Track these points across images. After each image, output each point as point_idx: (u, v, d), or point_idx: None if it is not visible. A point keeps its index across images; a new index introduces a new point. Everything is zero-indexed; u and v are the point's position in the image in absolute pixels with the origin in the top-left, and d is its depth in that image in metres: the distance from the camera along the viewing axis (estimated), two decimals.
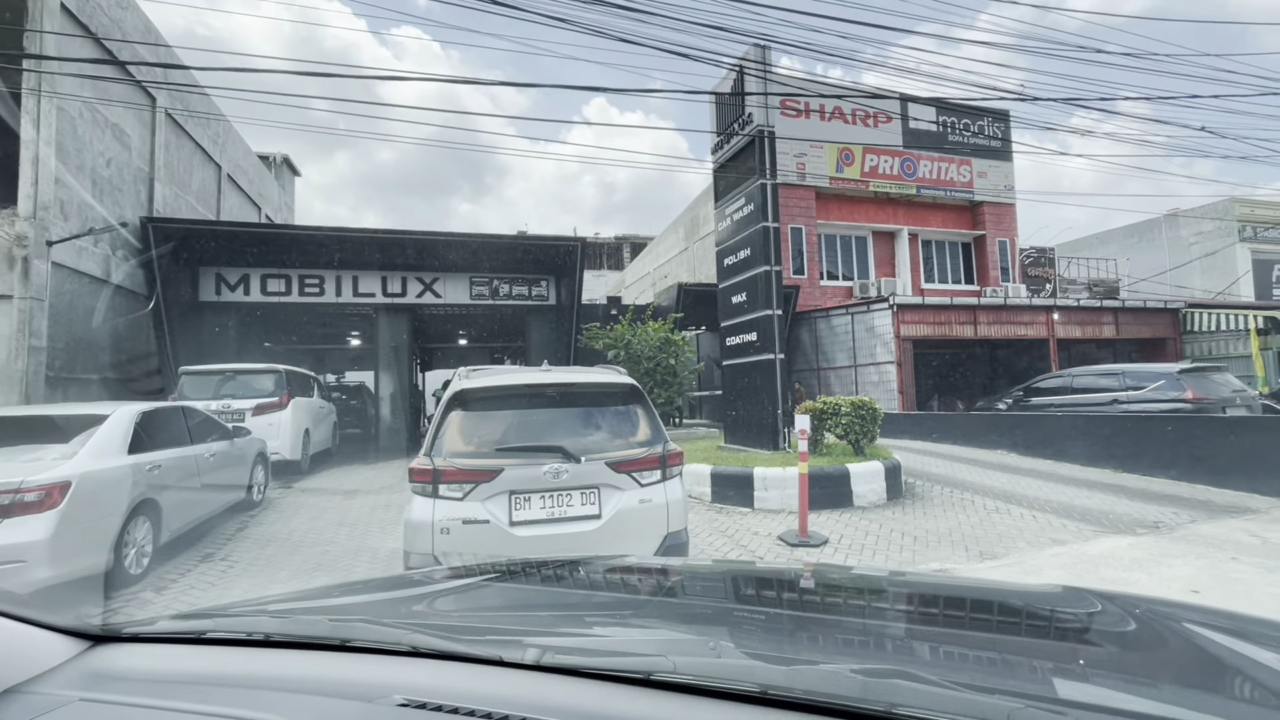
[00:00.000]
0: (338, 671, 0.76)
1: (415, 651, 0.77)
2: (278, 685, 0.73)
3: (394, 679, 0.71)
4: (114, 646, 0.85)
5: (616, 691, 0.65)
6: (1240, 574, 4.40)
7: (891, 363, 14.38)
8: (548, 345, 14.07)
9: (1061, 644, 1.03)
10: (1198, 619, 1.04)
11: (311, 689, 0.71)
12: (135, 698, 0.72)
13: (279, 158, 22.47)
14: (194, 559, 5.41)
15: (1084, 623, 1.09)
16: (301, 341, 18.42)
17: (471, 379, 3.63)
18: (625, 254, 39.50)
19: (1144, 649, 0.95)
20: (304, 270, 12.86)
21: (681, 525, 3.50)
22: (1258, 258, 22.96)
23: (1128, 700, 0.76)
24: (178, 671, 0.79)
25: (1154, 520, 5.98)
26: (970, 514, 6.45)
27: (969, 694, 0.62)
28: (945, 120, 19.21)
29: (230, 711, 0.67)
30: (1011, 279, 19.75)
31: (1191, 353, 16.67)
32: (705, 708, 0.61)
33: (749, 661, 0.74)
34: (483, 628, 0.96)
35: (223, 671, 0.78)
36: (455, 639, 0.79)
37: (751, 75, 8.74)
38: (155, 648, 0.86)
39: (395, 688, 0.69)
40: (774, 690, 0.63)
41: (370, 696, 0.68)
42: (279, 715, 0.64)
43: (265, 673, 0.77)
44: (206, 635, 0.87)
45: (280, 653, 0.82)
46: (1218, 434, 7.60)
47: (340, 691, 0.70)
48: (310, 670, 0.77)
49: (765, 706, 0.61)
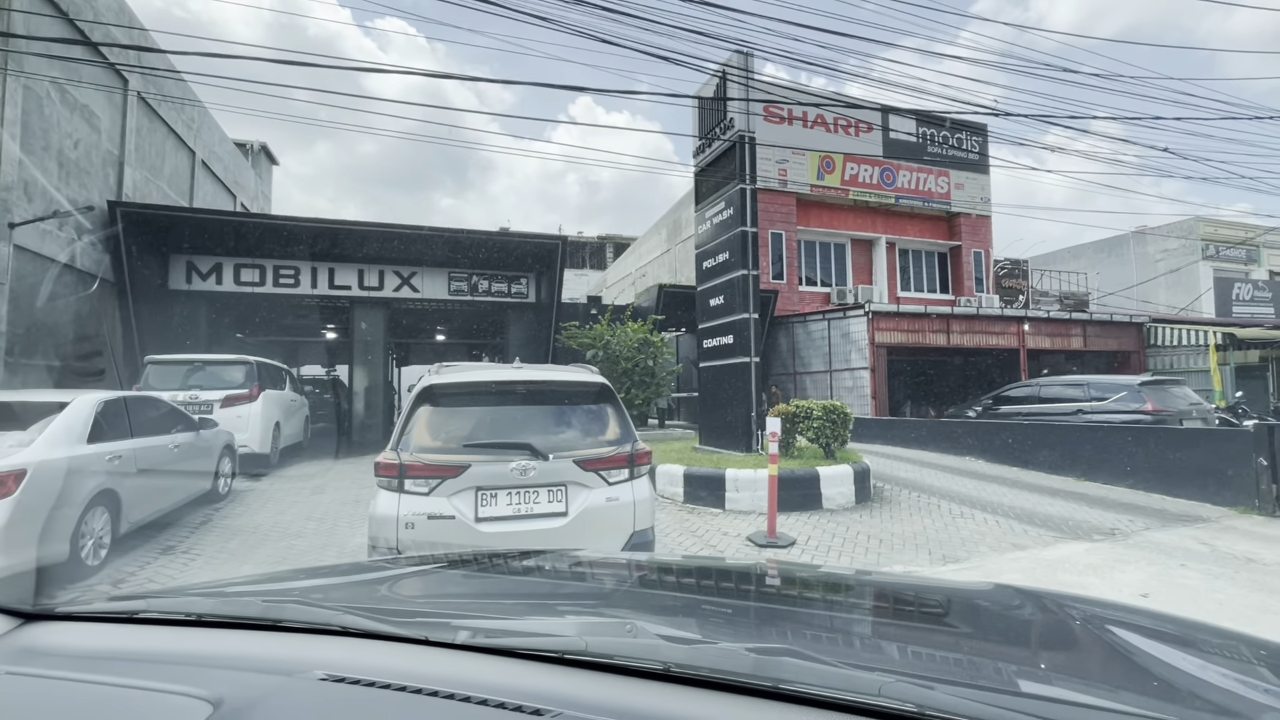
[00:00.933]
0: (266, 649, 0.77)
1: (345, 631, 0.79)
2: (205, 662, 0.74)
3: (321, 656, 0.73)
4: (45, 624, 0.85)
5: (534, 669, 0.69)
6: (1187, 580, 4.56)
7: (866, 369, 14.60)
8: (526, 343, 14.03)
9: (958, 629, 1.09)
10: (1108, 614, 1.10)
11: (238, 665, 0.72)
12: (61, 672, 0.72)
13: (256, 145, 22.08)
14: (155, 551, 5.30)
15: (991, 613, 1.15)
16: (275, 334, 18.11)
17: (441, 374, 3.62)
18: (608, 254, 39.48)
19: (1040, 637, 1.01)
20: (279, 261, 12.65)
21: (648, 524, 3.53)
22: (1219, 275, 23.76)
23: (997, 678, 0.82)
24: (107, 649, 0.80)
25: (1111, 527, 6.16)
26: (936, 518, 6.59)
27: (847, 669, 0.67)
28: (924, 132, 19.57)
29: (154, 685, 0.68)
30: (985, 289, 20.19)
31: (1154, 366, 17.18)
32: (614, 684, 0.65)
33: (658, 642, 0.78)
34: (416, 610, 0.98)
35: (152, 648, 0.79)
36: (383, 620, 0.81)
37: (734, 81, 8.82)
38: (86, 626, 0.86)
39: (320, 664, 0.71)
40: (676, 667, 0.67)
41: (293, 672, 0.70)
42: (201, 688, 0.65)
43: (194, 650, 0.78)
44: (139, 615, 0.88)
45: (211, 632, 0.84)
46: (1174, 445, 7.86)
47: (265, 667, 0.72)
48: (239, 648, 0.78)
49: (669, 683, 0.65)
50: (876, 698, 0.60)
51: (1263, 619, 3.82)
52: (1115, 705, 0.67)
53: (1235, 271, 24.92)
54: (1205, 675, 0.83)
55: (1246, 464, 6.80)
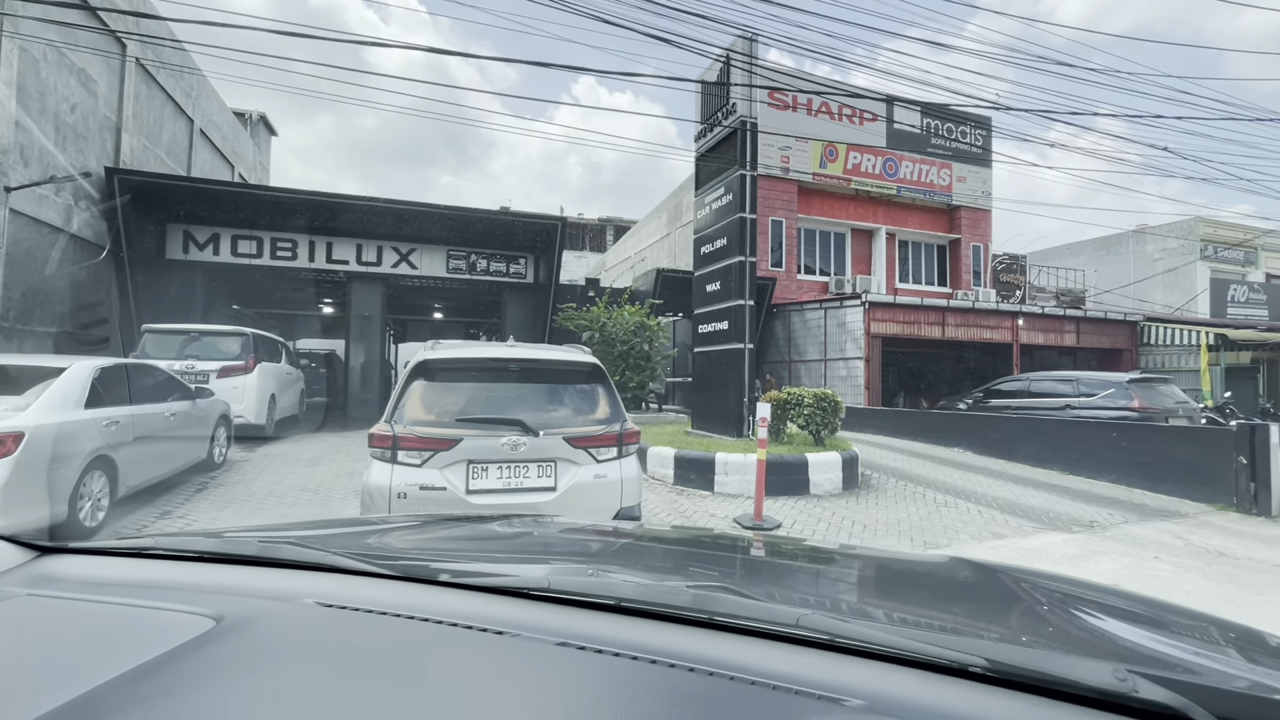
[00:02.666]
0: (263, 581, 0.85)
1: (335, 569, 0.87)
2: (207, 589, 0.82)
3: (313, 588, 0.81)
4: (61, 557, 0.93)
5: (502, 602, 0.77)
6: (1159, 571, 4.69)
7: (860, 358, 14.69)
8: (523, 323, 14.06)
9: (893, 584, 1.17)
10: (1054, 584, 1.19)
11: (237, 593, 0.80)
12: (76, 594, 0.80)
13: (255, 115, 21.87)
14: (152, 515, 5.39)
15: (933, 575, 1.23)
16: (271, 306, 18.11)
17: (436, 351, 3.68)
18: (608, 236, 39.33)
19: (972, 593, 1.09)
20: (277, 233, 12.62)
21: (635, 501, 3.62)
22: (1216, 276, 23.84)
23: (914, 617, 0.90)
24: (116, 578, 0.87)
25: (1090, 520, 6.29)
26: (920, 506, 6.71)
27: (773, 604, 0.76)
28: (928, 123, 19.48)
29: (160, 605, 0.76)
30: (983, 283, 20.24)
31: (1146, 364, 17.32)
32: (571, 614, 0.73)
33: (613, 580, 0.86)
34: (400, 554, 1.06)
35: (158, 578, 0.87)
36: (369, 561, 0.89)
37: (737, 66, 8.78)
38: (98, 559, 0.94)
39: (312, 594, 0.79)
40: (626, 601, 0.75)
41: (288, 598, 0.78)
42: (205, 609, 0.73)
43: (196, 580, 0.86)
44: (146, 550, 0.95)
45: (212, 566, 0.91)
46: (1158, 442, 7.99)
47: (262, 594, 0.80)
48: (238, 580, 0.86)
49: (620, 614, 0.73)
50: (795, 627, 0.68)
51: (1226, 608, 3.94)
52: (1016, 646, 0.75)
53: (1232, 273, 25.00)
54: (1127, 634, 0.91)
55: (1227, 462, 6.92)
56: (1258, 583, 4.45)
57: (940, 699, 0.57)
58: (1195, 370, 15.50)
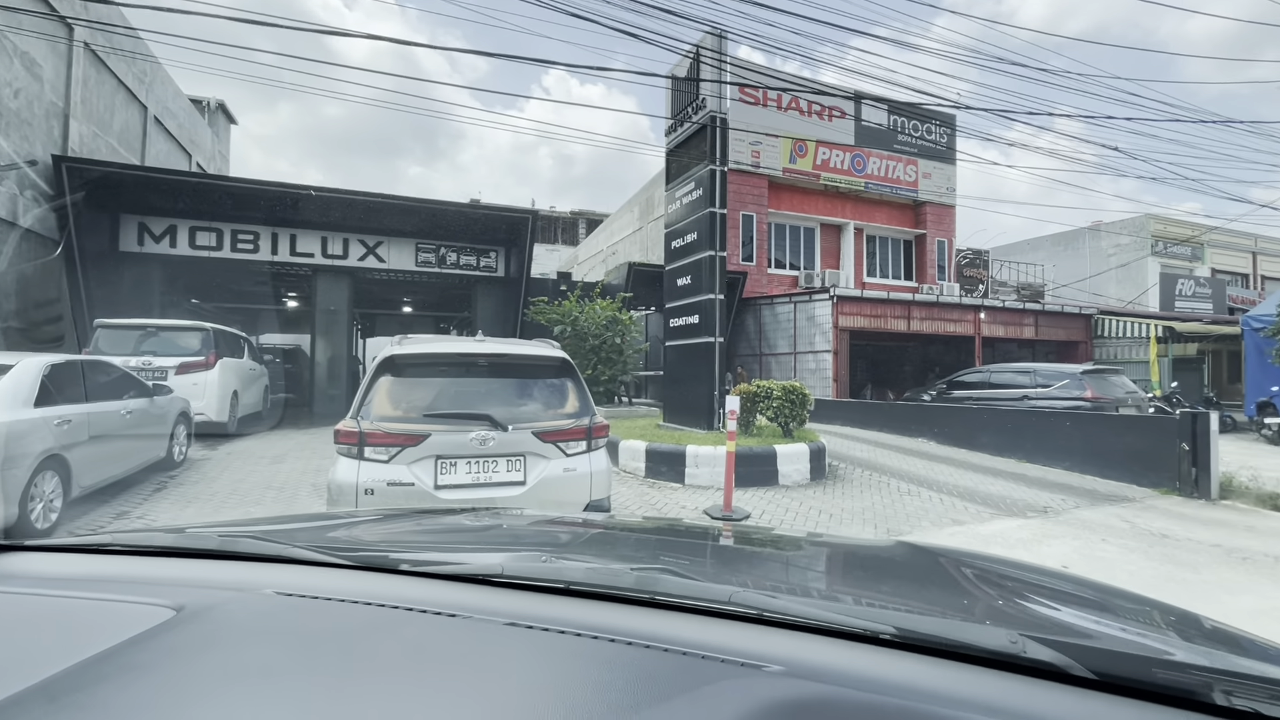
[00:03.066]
0: (223, 574, 0.87)
1: (295, 560, 0.89)
2: (166, 582, 0.83)
3: (274, 579, 0.83)
4: (17, 554, 0.93)
5: (458, 588, 0.80)
6: (1106, 553, 4.92)
7: (829, 351, 14.96)
8: (494, 317, 13.96)
9: (833, 565, 1.24)
10: (997, 566, 1.27)
11: (197, 584, 0.82)
12: (35, 589, 0.80)
13: (213, 103, 21.16)
14: (108, 515, 5.23)
15: (874, 557, 1.30)
16: (233, 300, 17.61)
17: (403, 345, 3.66)
18: (580, 229, 39.16)
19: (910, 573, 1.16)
20: (238, 225, 12.27)
21: (605, 494, 3.66)
22: (1165, 271, 24.85)
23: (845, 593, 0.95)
24: (74, 573, 0.88)
25: (1044, 505, 6.55)
26: (885, 495, 6.90)
27: (709, 583, 0.81)
28: (894, 121, 19.85)
29: (121, 597, 0.77)
30: (947, 278, 20.75)
31: (1100, 356, 17.99)
32: (523, 598, 0.77)
33: (563, 565, 0.91)
34: (361, 546, 1.08)
35: (116, 573, 0.88)
36: (329, 553, 0.91)
37: (707, 63, 8.82)
38: (55, 555, 0.94)
39: (272, 585, 0.81)
40: (574, 584, 0.79)
41: (248, 589, 0.80)
42: (165, 600, 0.74)
43: (156, 574, 0.87)
44: (104, 546, 0.96)
45: (172, 560, 0.92)
46: (1108, 431, 8.33)
47: (223, 585, 0.82)
48: (198, 573, 0.87)
49: (569, 596, 0.78)
50: (727, 604, 0.74)
51: (1165, 587, 4.17)
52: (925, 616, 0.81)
53: (1180, 268, 26.08)
54: (1042, 607, 0.98)
55: (1171, 449, 7.26)
56: (1196, 562, 4.70)
57: (851, 662, 0.63)
58: (1145, 361, 16.18)
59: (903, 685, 0.59)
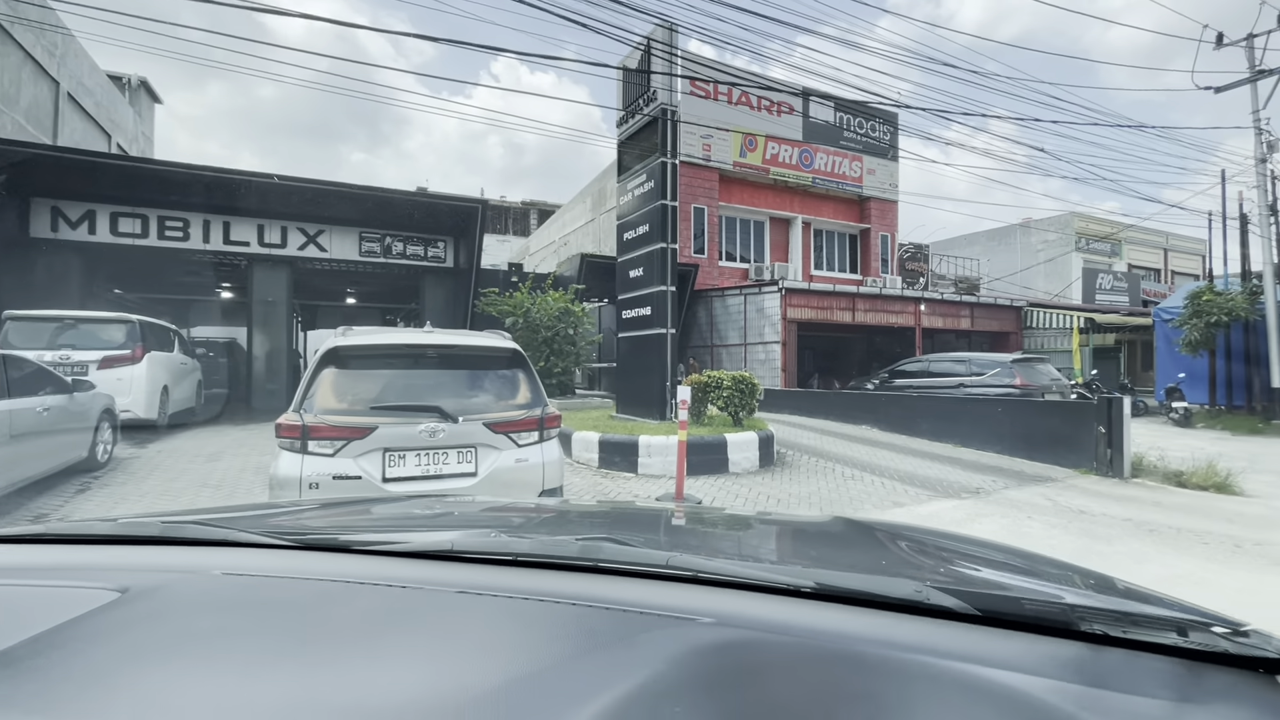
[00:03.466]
0: (168, 558, 0.85)
1: (241, 544, 0.89)
2: (110, 568, 0.81)
3: (219, 562, 0.82)
4: None
5: (409, 564, 0.82)
6: (1030, 529, 5.26)
7: (777, 342, 15.31)
8: (443, 309, 13.67)
9: (768, 535, 1.32)
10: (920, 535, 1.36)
11: (142, 569, 0.80)
12: None
13: (135, 80, 19.85)
14: (23, 519, 4.90)
15: (807, 529, 1.39)
16: (162, 291, 16.64)
17: (347, 337, 3.57)
18: (532, 220, 38.63)
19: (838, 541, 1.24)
20: (165, 211, 11.58)
21: (557, 484, 3.68)
22: (1087, 266, 26.45)
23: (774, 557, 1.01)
24: (10, 564, 0.84)
25: (977, 487, 6.93)
26: (830, 480, 7.15)
27: (648, 549, 0.86)
28: (841, 118, 20.37)
29: (61, 584, 0.75)
30: (890, 271, 21.51)
31: (1028, 345, 19.05)
32: (474, 571, 0.80)
33: (511, 540, 0.94)
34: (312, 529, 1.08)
35: (57, 561, 0.85)
36: (276, 536, 0.91)
37: (658, 55, 8.85)
38: None
39: (218, 567, 0.80)
40: (522, 555, 0.83)
41: (194, 571, 0.80)
42: (110, 585, 0.73)
43: (98, 561, 0.85)
44: (43, 536, 0.93)
45: (113, 548, 0.90)
46: (1035, 416, 8.86)
47: (168, 569, 0.81)
48: (141, 558, 0.86)
49: (517, 567, 0.81)
50: (665, 567, 0.80)
51: (1084, 558, 4.46)
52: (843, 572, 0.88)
53: (1101, 263, 27.81)
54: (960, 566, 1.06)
55: (1090, 432, 7.78)
56: (1110, 536, 5.08)
57: (775, 613, 0.69)
58: (1068, 351, 17.22)
59: (819, 629, 0.66)
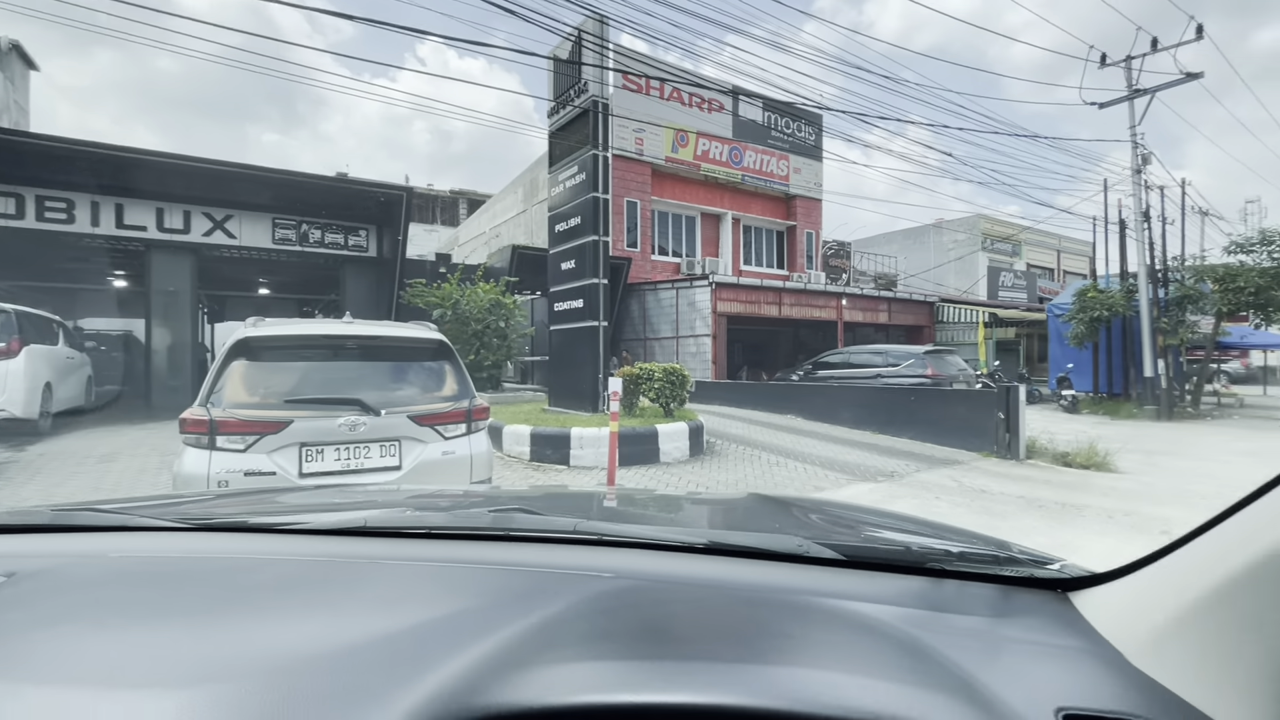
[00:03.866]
0: (61, 544, 0.81)
1: (135, 528, 0.85)
2: None
3: (115, 546, 0.79)
4: None
5: (322, 540, 0.82)
6: (939, 508, 5.65)
7: (708, 335, 15.64)
8: (366, 300, 13.11)
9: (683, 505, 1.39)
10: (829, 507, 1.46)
11: (29, 555, 0.76)
12: None
13: (5, 43, 17.82)
14: None
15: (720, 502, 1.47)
16: (43, 278, 15.08)
17: (258, 328, 3.39)
18: (461, 210, 37.55)
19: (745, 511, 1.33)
20: (45, 190, 10.51)
21: (486, 476, 3.64)
22: (992, 265, 28.49)
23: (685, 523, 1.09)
24: None
25: (891, 471, 7.36)
26: (757, 467, 7.41)
27: (558, 517, 0.91)
28: (769, 117, 20.96)
29: None
30: (815, 267, 22.37)
31: (940, 338, 20.33)
32: (388, 544, 0.81)
33: (427, 515, 0.95)
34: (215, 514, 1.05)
35: None
36: (180, 519, 0.88)
37: (589, 46, 8.81)
38: None
39: (114, 550, 0.77)
40: (435, 528, 0.85)
41: (88, 555, 0.76)
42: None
43: None
44: None
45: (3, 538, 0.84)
46: (944, 404, 9.49)
47: (62, 554, 0.77)
48: (32, 545, 0.81)
49: (433, 539, 0.83)
50: (573, 532, 0.84)
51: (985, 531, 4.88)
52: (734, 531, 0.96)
53: (1004, 262, 30.00)
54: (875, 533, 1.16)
55: (991, 418, 8.42)
56: (1005, 512, 5.54)
57: (672, 568, 0.75)
58: (974, 343, 18.52)
59: (713, 580, 0.72)
